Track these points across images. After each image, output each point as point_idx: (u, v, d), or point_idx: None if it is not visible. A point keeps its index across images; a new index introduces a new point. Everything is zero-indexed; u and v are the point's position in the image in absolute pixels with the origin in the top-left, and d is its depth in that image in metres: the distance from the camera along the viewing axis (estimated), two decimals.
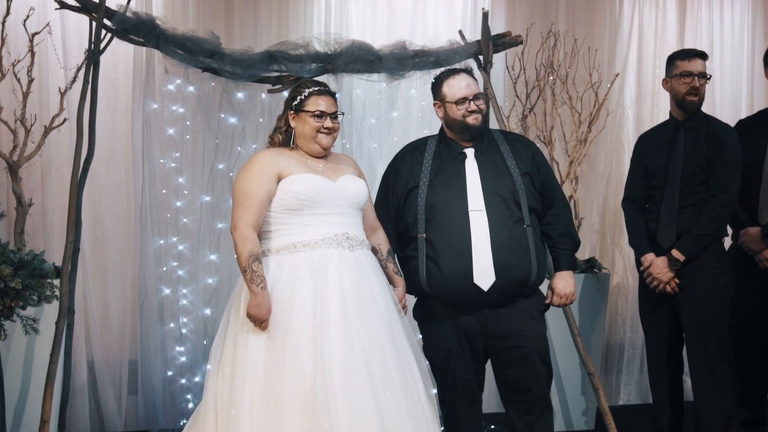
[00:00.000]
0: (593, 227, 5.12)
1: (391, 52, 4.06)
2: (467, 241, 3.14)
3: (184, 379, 4.15)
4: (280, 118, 3.14)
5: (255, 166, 2.99)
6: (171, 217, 4.12)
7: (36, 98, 4.16)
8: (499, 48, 4.25)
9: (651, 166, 3.85)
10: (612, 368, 5.19)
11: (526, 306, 3.25)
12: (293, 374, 2.75)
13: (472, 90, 3.26)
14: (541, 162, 3.38)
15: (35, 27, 4.04)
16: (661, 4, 5.27)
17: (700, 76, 3.77)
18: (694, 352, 3.71)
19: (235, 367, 2.82)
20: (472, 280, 3.13)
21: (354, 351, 2.80)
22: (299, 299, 2.85)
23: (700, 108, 3.82)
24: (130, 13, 3.80)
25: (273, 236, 2.98)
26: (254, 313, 2.82)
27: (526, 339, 3.22)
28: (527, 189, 3.26)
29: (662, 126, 3.96)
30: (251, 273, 2.84)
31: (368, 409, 2.74)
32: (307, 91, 3.08)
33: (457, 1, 4.85)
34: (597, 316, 4.59)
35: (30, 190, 4.14)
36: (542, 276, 3.28)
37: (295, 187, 2.95)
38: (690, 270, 3.70)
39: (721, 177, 3.66)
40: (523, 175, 3.27)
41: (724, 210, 3.67)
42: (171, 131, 4.14)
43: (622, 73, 5.13)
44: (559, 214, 3.37)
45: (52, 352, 3.51)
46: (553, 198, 3.37)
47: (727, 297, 3.71)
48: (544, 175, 3.36)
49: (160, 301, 4.12)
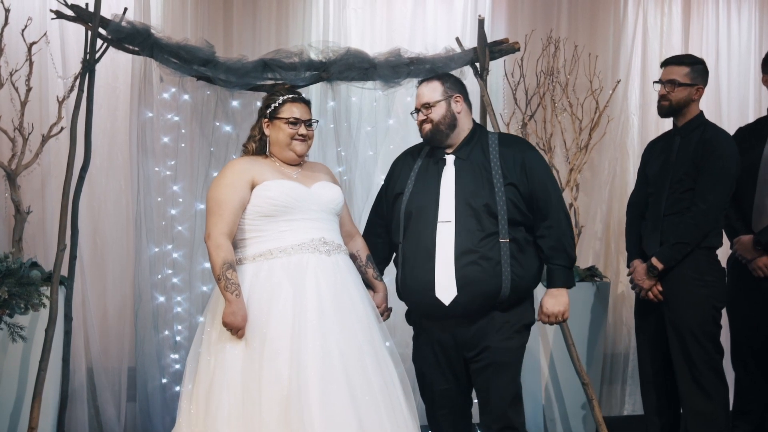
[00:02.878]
0: (596, 235, 5.06)
1: (385, 60, 4.03)
2: (431, 254, 3.09)
3: (179, 387, 4.12)
4: (254, 127, 3.15)
5: (228, 174, 2.98)
6: (166, 224, 4.15)
7: (35, 107, 4.20)
8: (496, 55, 4.22)
9: (649, 173, 3.85)
10: (616, 378, 5.13)
11: (503, 318, 3.15)
12: (271, 382, 2.74)
13: (419, 101, 3.25)
14: (532, 170, 3.16)
15: (34, 36, 4.08)
16: (666, 9, 5.21)
17: (667, 83, 3.73)
18: (679, 363, 3.66)
19: (213, 378, 2.81)
20: (434, 294, 3.07)
21: (332, 356, 2.78)
22: (276, 306, 2.84)
23: (677, 114, 3.76)
24: (125, 23, 3.83)
25: (248, 244, 2.97)
26: (230, 321, 2.81)
27: (491, 351, 3.13)
28: (509, 200, 3.11)
29: (666, 132, 3.95)
30: (225, 281, 2.82)
31: (346, 414, 2.72)
32: (281, 98, 3.08)
33: (456, 8, 4.83)
34: (598, 326, 4.54)
35: (29, 198, 4.19)
36: (521, 291, 3.15)
37: (270, 193, 2.95)
38: (671, 280, 3.66)
39: (703, 185, 3.60)
40: (506, 185, 3.13)
41: (702, 219, 3.58)
42: (166, 139, 4.17)
43: (626, 79, 5.08)
44: (552, 227, 3.16)
45: (42, 359, 3.52)
46: (548, 209, 3.17)
47: (711, 308, 3.64)
48: (535, 184, 3.16)
49: (155, 308, 4.14)
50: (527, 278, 3.16)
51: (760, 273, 3.82)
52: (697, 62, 3.80)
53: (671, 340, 3.68)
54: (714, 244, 3.69)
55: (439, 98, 3.22)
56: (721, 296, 3.69)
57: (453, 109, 3.23)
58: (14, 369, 3.79)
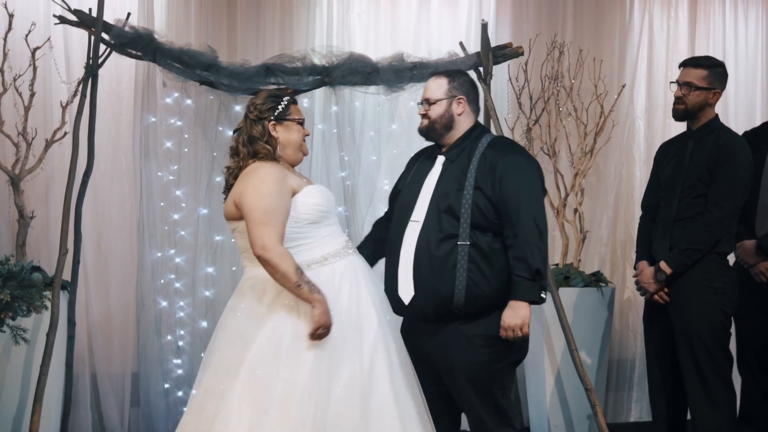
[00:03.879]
0: (602, 240, 5.02)
1: (388, 65, 4.04)
2: (398, 252, 3.11)
3: (181, 392, 4.16)
4: (253, 130, 3.01)
5: (271, 182, 2.90)
6: (168, 229, 4.15)
7: (39, 112, 4.20)
8: (499, 59, 4.22)
9: (661, 176, 3.79)
10: (623, 384, 5.07)
11: (466, 331, 3.03)
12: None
13: (423, 94, 3.22)
14: (503, 174, 3.02)
15: (37, 42, 4.09)
16: (672, 12, 5.17)
17: (683, 85, 3.67)
18: (687, 371, 3.60)
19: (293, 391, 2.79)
20: (398, 292, 3.10)
21: (391, 353, 2.94)
22: (363, 310, 2.93)
23: (692, 117, 3.70)
24: (128, 28, 3.85)
25: (298, 252, 2.92)
26: (326, 320, 2.81)
27: (456, 370, 3.05)
28: (475, 204, 3.01)
29: (679, 135, 3.89)
30: (306, 284, 2.81)
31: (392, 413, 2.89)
32: (285, 99, 3.06)
33: (461, 13, 4.81)
34: (604, 332, 4.50)
35: (33, 203, 4.18)
36: (481, 300, 3.01)
37: (314, 200, 2.97)
38: (680, 286, 3.60)
39: (718, 191, 3.54)
40: (475, 188, 3.02)
41: (716, 226, 3.52)
42: (169, 144, 4.17)
43: (631, 83, 5.05)
44: (518, 236, 2.98)
45: (42, 364, 3.52)
46: (517, 217, 2.99)
47: (720, 315, 3.57)
48: (504, 190, 3.01)
49: (158, 313, 4.14)
50: (488, 287, 3.01)
51: (762, 278, 3.78)
52: (716, 65, 3.72)
53: (679, 346, 3.62)
54: (725, 249, 3.63)
55: (441, 96, 3.16)
56: (731, 303, 3.61)
57: (453, 110, 3.16)
58: (17, 373, 3.79)
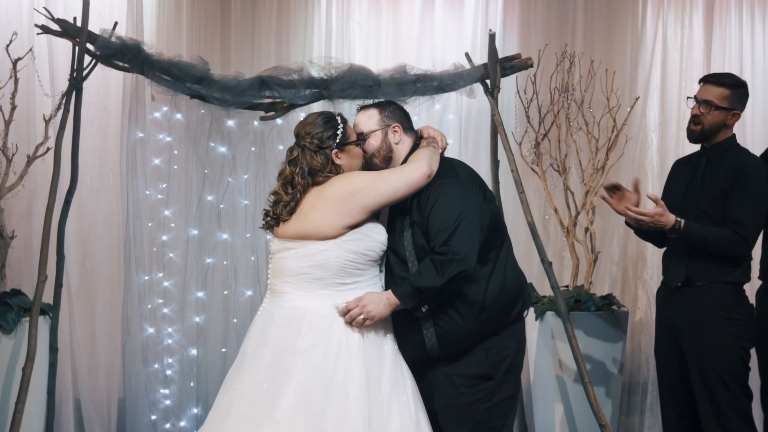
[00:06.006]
0: (613, 260, 4.85)
1: (390, 77, 3.86)
2: None
3: (169, 424, 3.99)
4: (315, 162, 2.84)
5: None
6: (156, 251, 3.99)
7: (21, 126, 4.03)
8: (507, 71, 4.03)
9: (671, 197, 3.59)
10: (635, 409, 4.90)
11: (449, 371, 2.90)
12: None
13: (354, 129, 3.05)
14: (428, 198, 2.85)
15: (19, 52, 3.91)
16: (687, 22, 5.01)
17: (702, 103, 3.47)
18: (703, 407, 3.43)
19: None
20: None
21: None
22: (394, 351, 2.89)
23: (708, 139, 3.51)
24: (115, 38, 3.66)
25: (349, 290, 2.80)
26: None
27: (442, 412, 2.90)
28: (416, 243, 2.86)
29: (693, 154, 3.70)
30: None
31: None
32: (340, 121, 2.91)
33: (466, 22, 4.67)
34: (615, 355, 4.32)
35: (15, 222, 4.02)
36: (456, 341, 2.87)
37: (382, 237, 2.85)
38: (695, 316, 3.43)
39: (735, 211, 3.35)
40: (411, 224, 2.88)
41: (737, 240, 3.33)
42: (157, 161, 4.01)
43: (644, 95, 4.87)
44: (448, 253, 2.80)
45: (18, 400, 3.27)
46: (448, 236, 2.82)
47: (738, 348, 3.39)
48: (430, 213, 2.83)
49: (144, 340, 3.99)
50: (459, 329, 2.86)
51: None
52: (739, 85, 3.52)
53: (695, 382, 3.44)
54: (742, 279, 3.45)
55: (374, 127, 3.02)
56: (749, 336, 3.44)
57: (390, 139, 3.03)
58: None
